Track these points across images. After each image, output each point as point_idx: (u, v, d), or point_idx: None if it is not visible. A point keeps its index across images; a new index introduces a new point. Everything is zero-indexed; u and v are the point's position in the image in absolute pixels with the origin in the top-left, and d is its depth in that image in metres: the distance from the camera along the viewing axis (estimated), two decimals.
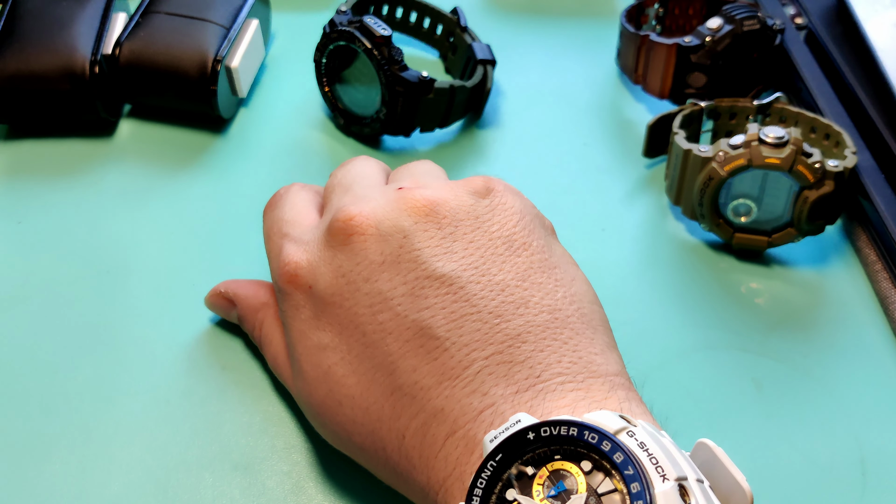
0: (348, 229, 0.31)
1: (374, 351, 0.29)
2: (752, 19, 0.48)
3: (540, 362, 0.28)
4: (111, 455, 0.34)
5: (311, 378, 0.31)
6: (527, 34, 0.58)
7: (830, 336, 0.40)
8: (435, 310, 0.29)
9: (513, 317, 0.29)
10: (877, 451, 0.36)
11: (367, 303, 0.29)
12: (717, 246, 0.45)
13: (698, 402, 0.38)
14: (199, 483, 0.34)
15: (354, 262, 0.30)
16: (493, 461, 0.25)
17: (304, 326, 0.31)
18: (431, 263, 0.29)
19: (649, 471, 0.23)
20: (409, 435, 0.28)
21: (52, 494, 0.33)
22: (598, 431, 0.24)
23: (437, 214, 0.31)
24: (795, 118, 0.46)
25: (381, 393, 0.29)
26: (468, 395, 0.27)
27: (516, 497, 0.24)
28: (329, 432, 0.31)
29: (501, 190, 0.33)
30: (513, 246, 0.30)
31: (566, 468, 0.24)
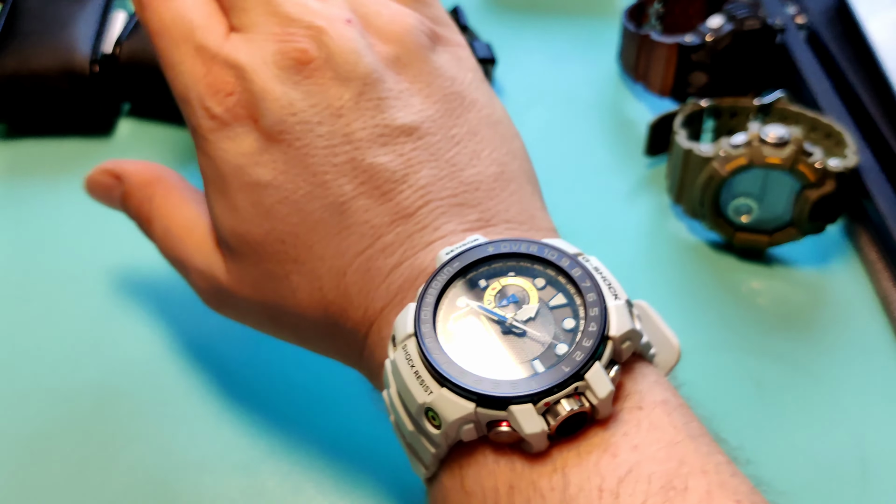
0: (302, 67, 0.29)
1: (325, 192, 0.29)
2: (753, 18, 0.48)
3: (489, 209, 0.29)
4: (111, 455, 0.34)
5: (250, 216, 0.29)
6: (527, 34, 0.58)
7: (831, 336, 0.40)
8: (393, 155, 0.29)
9: (466, 167, 0.29)
10: (877, 451, 0.36)
11: (322, 144, 0.29)
12: (718, 245, 0.45)
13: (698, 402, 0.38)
14: (199, 483, 0.34)
15: (310, 103, 0.29)
16: (450, 267, 0.26)
17: (241, 161, 0.29)
18: (392, 113, 0.29)
19: (603, 289, 0.25)
20: (350, 271, 0.28)
21: (52, 494, 0.33)
22: (558, 250, 0.26)
23: (399, 62, 0.31)
24: (796, 117, 0.46)
25: (327, 232, 0.29)
26: (420, 230, 0.28)
27: (468, 302, 0.25)
28: (263, 272, 0.30)
29: (455, 42, 0.33)
30: (464, 102, 0.31)
31: (519, 284, 0.25)
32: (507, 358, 0.24)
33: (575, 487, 0.22)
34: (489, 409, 0.23)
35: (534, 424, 0.23)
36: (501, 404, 0.23)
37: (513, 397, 0.23)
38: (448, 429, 0.24)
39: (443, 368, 0.24)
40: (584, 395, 0.23)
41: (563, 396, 0.23)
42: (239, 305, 0.31)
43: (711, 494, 0.22)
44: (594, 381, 0.23)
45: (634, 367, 0.25)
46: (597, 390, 0.23)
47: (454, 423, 0.23)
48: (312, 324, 0.30)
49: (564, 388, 0.23)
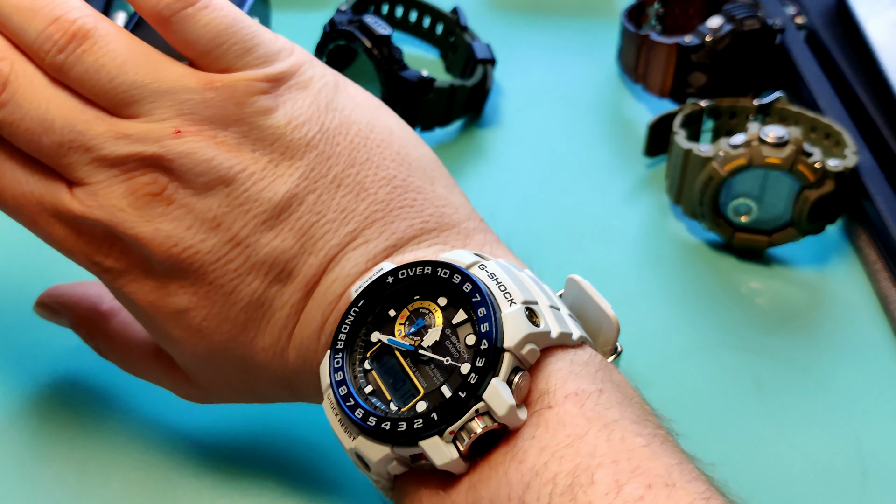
0: (158, 198, 0.29)
1: (238, 297, 0.29)
2: (753, 19, 0.48)
3: (393, 233, 0.29)
4: (111, 455, 0.34)
5: (186, 339, 0.30)
6: (527, 34, 0.58)
7: (830, 336, 0.40)
8: (283, 235, 0.29)
9: (356, 204, 0.29)
10: (877, 451, 0.36)
11: (213, 259, 0.29)
12: (718, 245, 0.45)
13: (698, 402, 0.38)
14: (199, 483, 0.34)
15: (184, 227, 0.28)
16: (356, 307, 0.27)
17: (152, 298, 0.29)
18: (264, 196, 0.29)
19: (497, 296, 0.25)
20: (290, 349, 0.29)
21: (52, 494, 0.33)
22: (449, 267, 0.26)
23: (249, 139, 0.29)
24: (796, 118, 0.46)
25: (257, 326, 0.29)
26: (331, 284, 0.29)
27: (380, 337, 0.26)
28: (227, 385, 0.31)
29: (293, 63, 0.30)
30: (329, 136, 0.30)
31: (425, 306, 0.26)
32: (418, 388, 0.25)
33: (486, 502, 0.23)
34: (403, 447, 0.24)
35: (443, 455, 0.24)
36: (412, 441, 0.24)
37: (419, 433, 0.24)
38: (376, 469, 0.25)
39: (355, 417, 0.25)
40: (488, 413, 0.24)
41: (466, 421, 0.24)
42: (222, 400, 0.33)
43: (619, 483, 0.22)
44: (492, 400, 0.24)
45: (547, 364, 0.25)
46: (496, 409, 0.24)
47: (378, 463, 0.25)
48: (285, 395, 0.31)
49: (464, 415, 0.24)
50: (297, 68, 0.30)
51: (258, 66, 0.30)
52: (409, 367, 0.26)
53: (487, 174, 0.48)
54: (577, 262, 0.43)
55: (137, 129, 0.28)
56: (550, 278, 0.42)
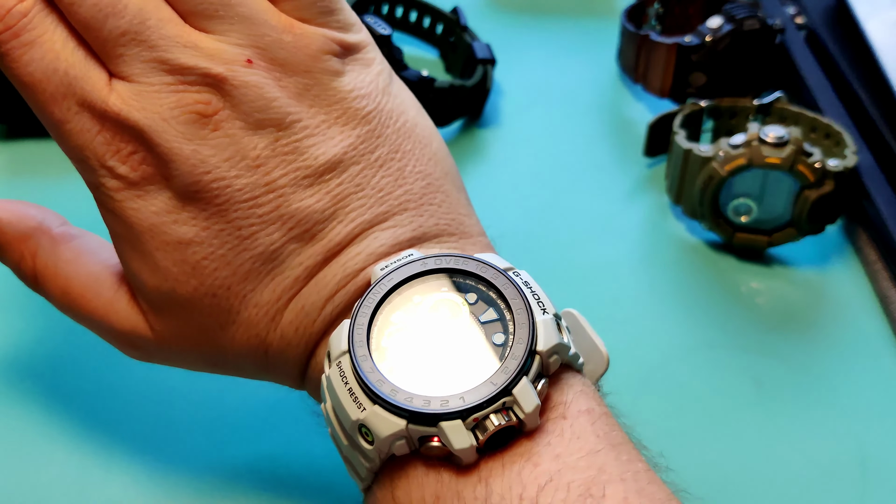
0: (207, 120, 0.27)
1: (253, 243, 0.28)
2: (753, 19, 0.48)
3: (420, 225, 0.29)
4: (111, 455, 0.34)
5: (174, 274, 0.28)
6: (527, 34, 0.58)
7: (830, 336, 0.40)
8: (319, 195, 0.28)
9: (393, 188, 0.29)
10: (877, 451, 0.36)
11: (243, 198, 0.28)
12: (718, 245, 0.45)
13: (698, 402, 0.38)
14: (199, 483, 0.34)
15: (223, 157, 0.27)
16: (383, 284, 0.26)
17: (157, 220, 0.28)
18: (312, 153, 0.28)
19: (532, 303, 0.26)
20: (287, 311, 0.28)
21: (52, 494, 0.33)
22: (489, 265, 0.26)
23: (310, 93, 0.29)
24: (796, 118, 0.46)
25: (259, 280, 0.28)
26: (352, 259, 0.28)
27: (402, 318, 0.26)
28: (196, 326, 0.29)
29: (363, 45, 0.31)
30: (381, 118, 0.30)
31: (452, 299, 0.26)
32: (439, 374, 0.25)
33: (497, 496, 0.23)
34: (420, 425, 0.24)
35: (463, 440, 0.24)
36: (432, 421, 0.24)
37: (443, 414, 0.24)
38: (380, 444, 0.24)
39: (375, 386, 0.24)
40: (512, 409, 0.24)
41: (491, 412, 0.24)
42: (170, 358, 0.31)
43: (628, 500, 0.23)
44: (521, 396, 0.24)
45: (562, 378, 0.26)
46: (524, 405, 0.24)
47: (386, 439, 0.24)
48: (252, 363, 0.30)
49: (493, 405, 0.24)
50: (366, 45, 0.31)
51: (336, 29, 0.30)
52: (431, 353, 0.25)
53: (487, 174, 0.48)
54: (577, 262, 0.43)
55: (211, 45, 0.27)
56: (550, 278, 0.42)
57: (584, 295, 0.42)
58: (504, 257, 0.43)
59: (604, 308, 0.41)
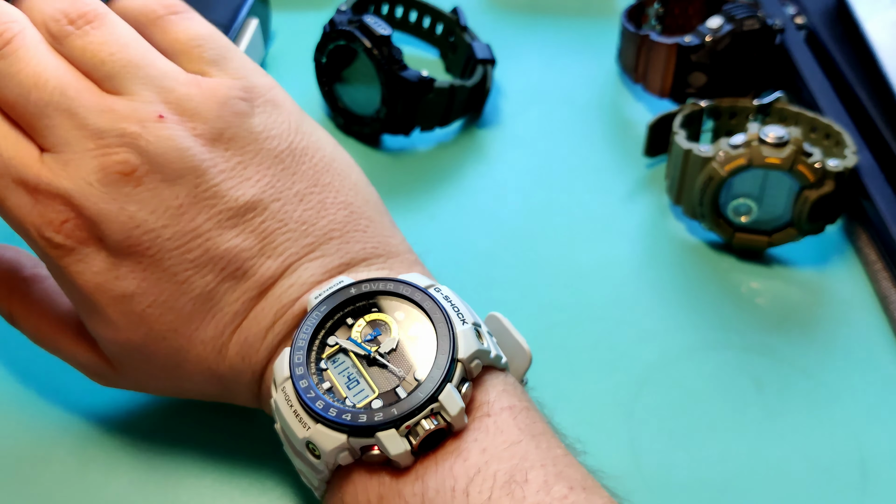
0: (128, 178, 0.29)
1: (189, 287, 0.30)
2: (753, 19, 0.48)
3: (347, 252, 0.31)
4: (111, 455, 0.34)
5: (124, 325, 0.30)
6: (527, 34, 0.58)
7: (830, 336, 0.41)
8: (244, 234, 0.30)
9: (317, 219, 0.31)
10: (877, 452, 0.36)
11: (173, 246, 0.29)
12: (718, 246, 0.45)
13: (698, 402, 0.38)
14: (199, 483, 0.34)
15: (149, 211, 0.29)
16: (318, 311, 0.29)
17: (99, 280, 0.29)
18: (231, 195, 0.30)
19: (452, 316, 0.28)
20: (231, 345, 0.30)
21: (52, 494, 0.33)
22: (411, 285, 0.29)
23: (223, 138, 0.30)
24: (796, 118, 0.46)
25: (202, 320, 0.30)
26: (287, 290, 0.30)
27: (338, 341, 0.28)
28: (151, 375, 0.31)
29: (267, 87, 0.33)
30: (296, 155, 0.32)
31: (382, 319, 0.29)
32: (373, 388, 0.27)
33: (433, 491, 0.26)
34: (359, 437, 0.27)
35: (398, 446, 0.26)
36: (369, 432, 0.26)
37: (378, 425, 0.26)
38: (327, 458, 0.27)
39: (315, 406, 0.27)
40: (440, 413, 0.27)
41: (421, 418, 0.26)
42: (136, 388, 0.33)
43: (548, 483, 0.25)
44: (446, 401, 0.27)
45: (485, 379, 0.28)
46: (449, 409, 0.26)
47: (331, 452, 0.27)
48: (211, 390, 0.32)
49: (422, 412, 0.26)
50: (270, 88, 0.33)
51: (237, 77, 0.32)
52: (364, 369, 0.28)
53: (487, 174, 0.48)
54: (577, 262, 0.43)
55: (124, 106, 0.29)
56: (550, 278, 0.43)
57: (584, 295, 0.42)
58: (504, 257, 0.43)
59: (604, 308, 0.41)
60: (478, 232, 0.45)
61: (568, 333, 0.40)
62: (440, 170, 0.48)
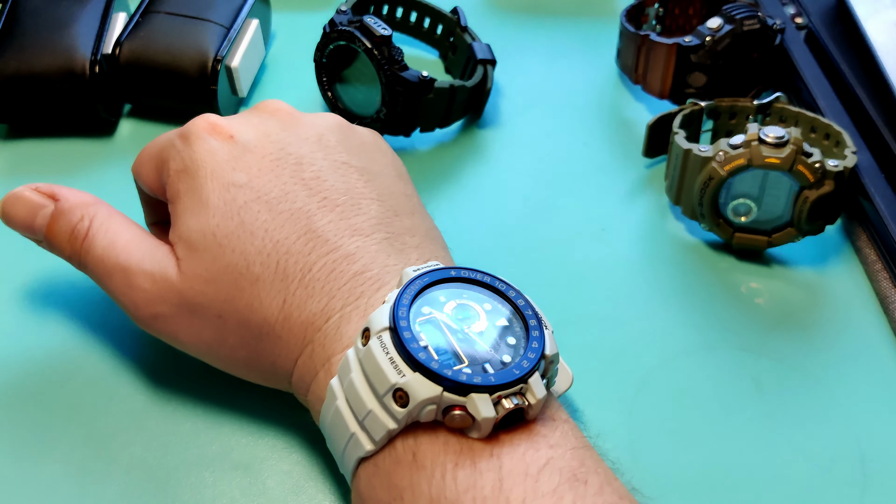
0: (276, 108, 0.36)
1: (293, 199, 0.32)
2: (752, 19, 0.48)
3: (423, 253, 0.33)
4: (111, 455, 0.34)
5: (222, 210, 0.32)
6: (527, 34, 0.58)
7: (830, 336, 0.41)
8: (350, 183, 0.34)
9: (404, 216, 0.34)
10: (877, 451, 0.36)
11: (292, 162, 0.33)
12: (717, 246, 0.45)
13: (698, 402, 0.38)
14: (199, 483, 0.34)
15: (281, 129, 0.34)
16: (420, 279, 0.30)
17: (217, 166, 0.33)
18: (343, 153, 0.35)
19: (543, 317, 0.30)
20: (316, 269, 0.31)
21: (52, 494, 0.33)
22: (504, 282, 0.30)
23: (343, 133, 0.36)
24: (795, 118, 0.46)
25: (294, 231, 0.32)
26: (377, 250, 0.32)
27: (432, 310, 0.29)
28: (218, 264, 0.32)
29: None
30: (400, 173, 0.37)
31: (471, 304, 0.30)
32: (462, 358, 0.28)
33: (506, 470, 0.27)
34: (454, 394, 0.27)
35: (488, 410, 0.27)
36: (464, 391, 0.27)
37: (474, 386, 0.27)
38: (413, 408, 0.27)
39: (418, 356, 0.27)
40: (525, 395, 0.28)
41: (511, 394, 0.27)
42: (178, 316, 0.33)
43: (602, 489, 0.27)
44: (535, 385, 0.28)
45: None
46: (536, 393, 0.28)
47: (421, 402, 0.27)
48: (251, 335, 0.32)
49: (514, 387, 0.27)
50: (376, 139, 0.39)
51: None
52: (455, 341, 0.29)
53: (487, 174, 0.48)
54: (577, 262, 0.43)
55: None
56: (551, 278, 0.43)
57: (584, 295, 0.42)
58: (504, 257, 0.43)
59: (604, 308, 0.41)
60: (478, 232, 0.45)
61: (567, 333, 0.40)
62: (440, 170, 0.48)
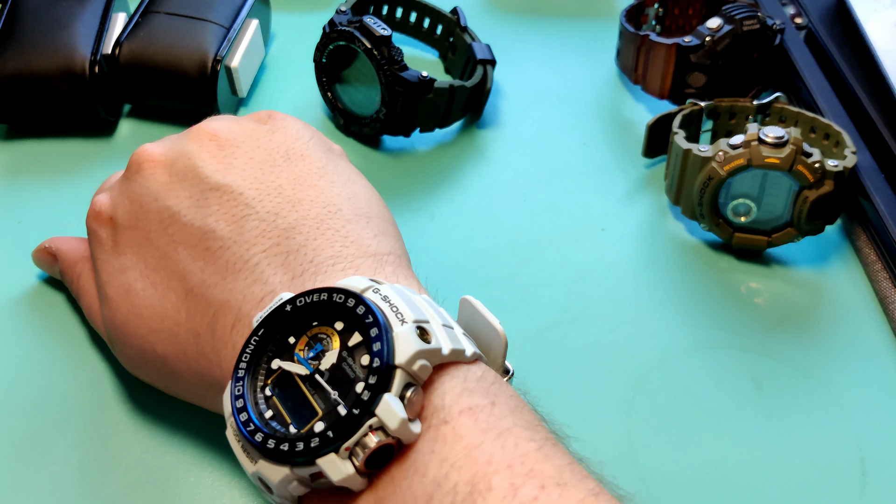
0: (140, 160, 0.34)
1: (168, 261, 0.32)
2: (752, 19, 0.48)
3: (314, 249, 0.30)
4: (111, 455, 0.34)
5: (114, 299, 0.33)
6: (527, 34, 0.58)
7: (830, 336, 0.41)
8: (218, 215, 0.31)
9: (288, 213, 0.31)
10: (877, 451, 0.36)
11: (158, 219, 0.32)
12: (717, 246, 0.45)
13: (698, 402, 0.38)
14: (199, 483, 0.34)
15: (144, 187, 0.33)
16: (256, 336, 0.27)
17: (106, 255, 0.33)
18: (212, 176, 0.32)
19: (389, 317, 0.26)
20: (202, 331, 0.30)
21: (52, 494, 0.33)
22: (344, 292, 0.27)
23: (219, 138, 0.34)
24: (795, 118, 0.46)
25: (176, 298, 0.31)
26: (250, 286, 0.30)
27: (280, 365, 0.27)
28: (133, 350, 0.32)
29: (282, 116, 0.36)
30: (291, 157, 0.33)
31: (323, 331, 0.27)
32: (317, 409, 0.26)
33: None
34: (301, 466, 0.25)
35: (339, 471, 0.24)
36: (309, 460, 0.25)
37: (315, 450, 0.24)
38: (278, 491, 0.25)
39: (255, 440, 0.25)
40: (382, 428, 0.24)
41: (361, 437, 0.24)
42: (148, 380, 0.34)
43: (515, 486, 0.23)
44: (384, 414, 0.24)
45: (442, 380, 0.26)
46: (388, 423, 0.24)
47: (279, 485, 0.25)
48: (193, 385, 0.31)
49: (357, 430, 0.24)
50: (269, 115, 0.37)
51: None
52: (308, 391, 0.26)
53: (487, 174, 0.48)
54: (577, 262, 0.43)
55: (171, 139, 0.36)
56: (550, 278, 0.43)
57: (583, 295, 0.42)
58: (504, 257, 0.43)
59: (604, 308, 0.41)
60: (477, 232, 0.45)
61: (567, 333, 0.40)
62: (440, 170, 0.48)
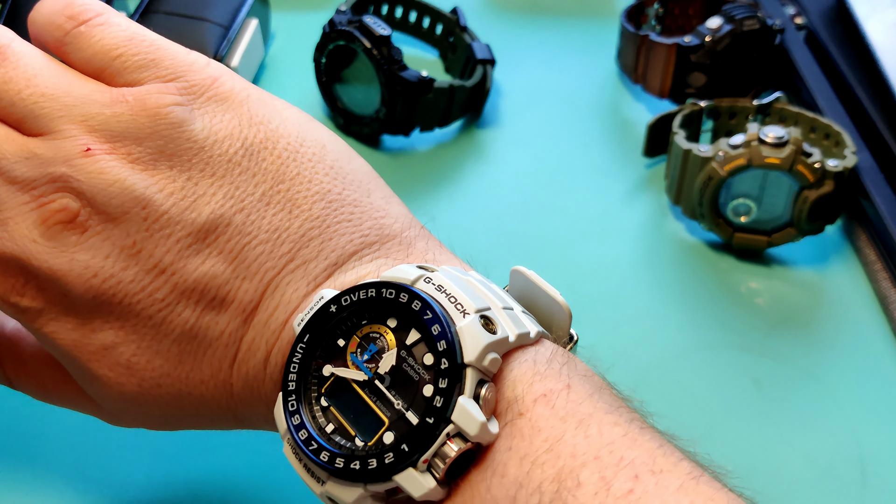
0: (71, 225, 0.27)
1: (167, 328, 0.27)
2: (752, 19, 0.48)
3: (333, 250, 0.27)
4: (111, 455, 0.34)
5: (114, 379, 0.28)
6: (527, 34, 0.58)
7: (830, 336, 0.41)
8: (211, 260, 0.27)
9: (290, 222, 0.27)
10: (877, 451, 0.36)
11: (137, 289, 0.27)
12: (717, 246, 0.45)
13: (698, 402, 0.38)
14: (199, 483, 0.34)
15: (103, 256, 0.27)
16: (303, 343, 0.25)
17: (74, 336, 0.27)
18: (186, 218, 0.27)
19: (449, 310, 0.24)
20: (236, 383, 0.27)
21: (52, 494, 0.33)
22: (394, 286, 0.24)
23: (165, 155, 0.27)
24: (795, 118, 0.46)
25: (194, 360, 0.27)
26: (274, 313, 0.27)
27: (333, 371, 0.25)
28: (158, 418, 0.29)
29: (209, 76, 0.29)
30: (254, 152, 0.28)
31: (375, 330, 0.25)
32: (382, 418, 0.24)
33: None
34: (377, 483, 0.23)
35: (421, 486, 0.23)
36: (385, 477, 0.23)
37: (391, 467, 0.23)
38: None
39: (321, 460, 0.24)
40: (460, 434, 0.23)
41: (439, 447, 0.23)
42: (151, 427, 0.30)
43: (606, 479, 0.21)
44: (462, 420, 0.23)
45: (511, 369, 0.24)
46: (467, 429, 0.23)
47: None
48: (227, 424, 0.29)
49: (435, 441, 0.23)
50: (213, 80, 0.28)
51: (168, 78, 0.28)
52: (369, 398, 0.24)
53: (487, 174, 0.48)
54: (577, 262, 0.43)
55: (46, 147, 0.26)
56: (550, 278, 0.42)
57: (584, 295, 0.42)
58: (504, 257, 0.43)
59: (604, 308, 0.41)
60: (477, 232, 0.45)
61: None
62: (440, 170, 0.48)
